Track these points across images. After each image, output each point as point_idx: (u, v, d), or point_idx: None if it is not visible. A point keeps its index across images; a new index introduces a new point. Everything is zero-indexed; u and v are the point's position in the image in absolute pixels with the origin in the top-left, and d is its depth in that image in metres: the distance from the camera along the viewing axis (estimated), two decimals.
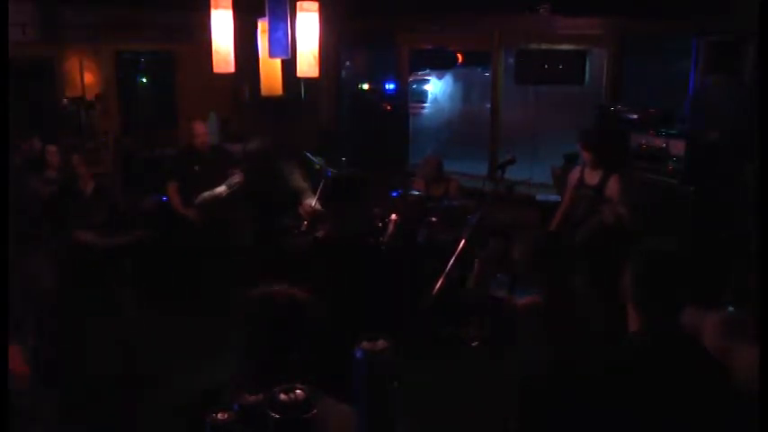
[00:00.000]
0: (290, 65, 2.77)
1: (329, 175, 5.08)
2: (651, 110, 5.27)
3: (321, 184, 5.00)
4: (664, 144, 4.82)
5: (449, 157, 5.71)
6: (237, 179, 5.24)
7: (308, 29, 2.68)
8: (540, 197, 5.83)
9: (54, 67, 5.95)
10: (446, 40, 7.28)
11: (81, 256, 3.90)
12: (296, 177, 5.14)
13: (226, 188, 5.16)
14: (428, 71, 10.99)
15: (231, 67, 2.79)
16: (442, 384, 3.90)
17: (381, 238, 4.92)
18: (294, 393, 1.62)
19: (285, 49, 2.60)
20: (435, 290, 4.31)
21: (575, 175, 4.55)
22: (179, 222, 5.14)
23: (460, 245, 4.36)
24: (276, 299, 2.03)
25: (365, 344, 1.79)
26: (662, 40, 6.45)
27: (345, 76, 7.28)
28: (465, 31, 6.61)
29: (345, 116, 6.82)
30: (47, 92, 5.92)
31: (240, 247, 5.16)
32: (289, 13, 2.60)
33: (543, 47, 6.55)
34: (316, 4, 2.69)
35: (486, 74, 7.84)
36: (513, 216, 4.97)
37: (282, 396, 1.61)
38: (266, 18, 2.58)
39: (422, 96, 10.82)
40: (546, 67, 7.45)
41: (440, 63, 10.87)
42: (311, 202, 4.94)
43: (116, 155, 6.21)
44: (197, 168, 5.19)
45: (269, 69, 2.85)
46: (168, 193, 5.20)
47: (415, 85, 10.30)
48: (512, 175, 4.49)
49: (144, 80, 7.11)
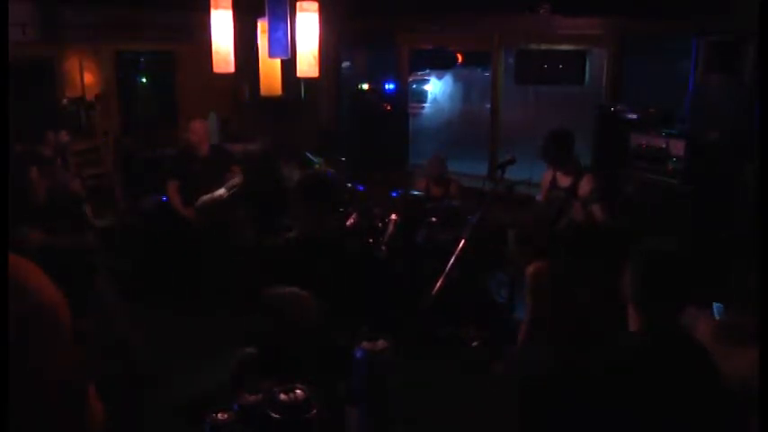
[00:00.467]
0: (290, 65, 2.77)
1: (329, 175, 5.08)
2: (651, 110, 5.27)
3: None
4: (664, 144, 4.82)
5: (449, 157, 5.71)
6: (237, 181, 5.25)
7: (307, 29, 2.68)
8: (540, 197, 5.82)
9: (54, 67, 5.95)
10: (446, 40, 7.28)
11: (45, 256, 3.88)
12: (297, 174, 5.13)
13: (225, 191, 5.17)
14: (428, 71, 11.00)
15: (231, 67, 2.79)
16: (441, 384, 3.89)
17: (381, 238, 4.92)
18: (294, 393, 1.62)
19: (285, 49, 2.60)
20: (435, 290, 4.31)
21: (547, 178, 4.53)
22: (179, 222, 5.14)
23: (460, 245, 4.36)
24: (285, 300, 2.03)
25: (365, 344, 1.80)
26: (662, 40, 6.45)
27: (345, 76, 7.28)
28: (465, 31, 6.61)
29: (345, 116, 6.81)
30: (47, 92, 5.91)
31: (240, 248, 5.16)
32: (289, 13, 2.60)
33: (543, 47, 6.54)
34: (316, 4, 2.69)
35: (486, 74, 7.84)
36: (514, 216, 4.96)
37: (282, 396, 1.61)
38: (266, 18, 2.58)
39: (422, 96, 10.83)
40: (546, 67, 7.44)
41: (440, 63, 10.87)
42: None
43: (116, 155, 6.20)
44: (197, 168, 5.20)
45: (269, 69, 2.85)
46: (168, 193, 5.20)
47: (415, 85, 10.31)
48: (512, 175, 4.49)
49: (144, 80, 7.10)
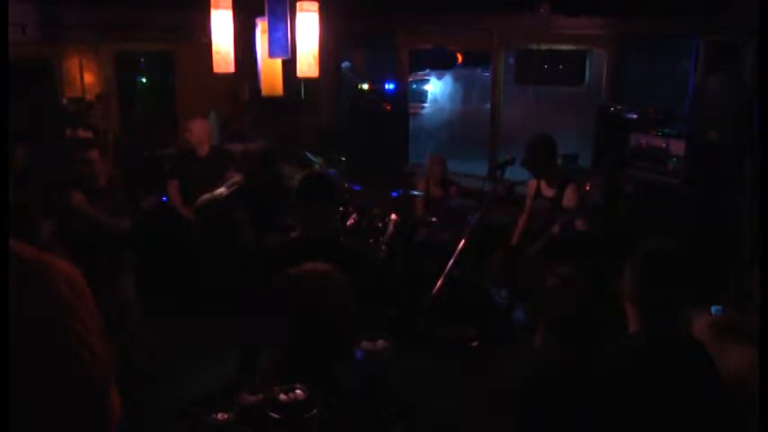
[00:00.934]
0: (290, 65, 2.77)
1: (331, 175, 5.08)
2: (651, 110, 5.27)
3: None
4: (664, 144, 4.82)
5: (449, 157, 5.71)
6: (237, 179, 5.25)
7: (308, 29, 2.68)
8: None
9: (54, 67, 5.95)
10: (446, 40, 7.28)
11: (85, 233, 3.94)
12: (299, 174, 5.12)
13: (225, 189, 5.17)
14: (428, 71, 10.98)
15: (231, 67, 2.79)
16: (442, 384, 3.90)
17: (381, 238, 4.93)
18: (294, 393, 1.62)
19: (285, 49, 2.60)
20: (435, 290, 4.31)
21: (532, 186, 4.49)
22: (179, 222, 5.14)
23: (460, 245, 4.36)
24: (310, 276, 2.02)
25: (365, 344, 1.80)
26: (662, 40, 6.46)
27: (345, 76, 7.28)
28: (465, 31, 6.61)
29: (345, 116, 6.81)
30: (47, 92, 5.91)
31: (240, 247, 5.16)
32: (289, 13, 2.60)
33: (543, 47, 6.54)
34: (316, 5, 2.69)
35: (486, 74, 7.84)
36: (513, 216, 4.96)
37: (282, 396, 1.61)
38: (266, 18, 2.58)
39: (422, 96, 10.81)
40: (546, 67, 7.45)
41: (440, 63, 10.86)
42: None
43: (116, 155, 6.20)
44: (197, 168, 5.20)
45: (269, 69, 2.85)
46: (168, 192, 5.20)
47: (414, 85, 10.29)
48: (512, 175, 4.49)
49: (144, 80, 7.11)
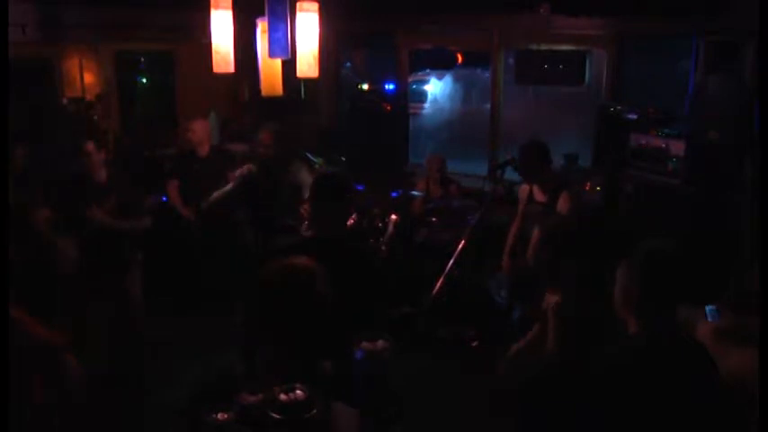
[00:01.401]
0: (290, 65, 2.77)
1: (345, 175, 5.03)
2: (651, 110, 5.27)
3: None
4: (664, 144, 4.82)
5: (449, 157, 5.71)
6: (248, 169, 5.15)
7: (308, 29, 2.68)
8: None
9: (54, 67, 5.95)
10: (446, 40, 7.28)
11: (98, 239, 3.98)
12: (303, 173, 5.09)
13: (238, 177, 5.10)
14: (428, 71, 10.98)
15: (231, 67, 2.79)
16: (442, 384, 3.90)
17: (381, 238, 4.93)
18: (294, 393, 1.62)
19: (285, 49, 2.60)
20: (435, 290, 4.31)
21: (525, 191, 4.46)
22: (179, 222, 5.14)
23: (460, 245, 4.36)
24: (294, 269, 2.02)
25: (365, 344, 1.80)
26: (662, 40, 6.45)
27: (345, 76, 7.28)
28: (465, 31, 6.61)
29: (345, 116, 6.81)
30: (47, 92, 5.92)
31: (240, 247, 5.16)
32: (289, 13, 2.60)
33: (543, 47, 6.54)
34: (316, 5, 2.69)
35: (486, 74, 7.83)
36: (513, 216, 4.96)
37: (282, 396, 1.61)
38: (266, 18, 2.58)
39: (422, 96, 10.81)
40: (546, 67, 7.44)
41: (440, 63, 10.86)
42: None
43: (116, 155, 6.20)
44: (197, 168, 5.19)
45: (269, 69, 2.85)
46: (168, 192, 5.20)
47: (415, 86, 10.28)
48: (512, 175, 4.49)
49: (144, 80, 7.11)
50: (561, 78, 7.61)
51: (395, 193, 5.37)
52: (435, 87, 11.02)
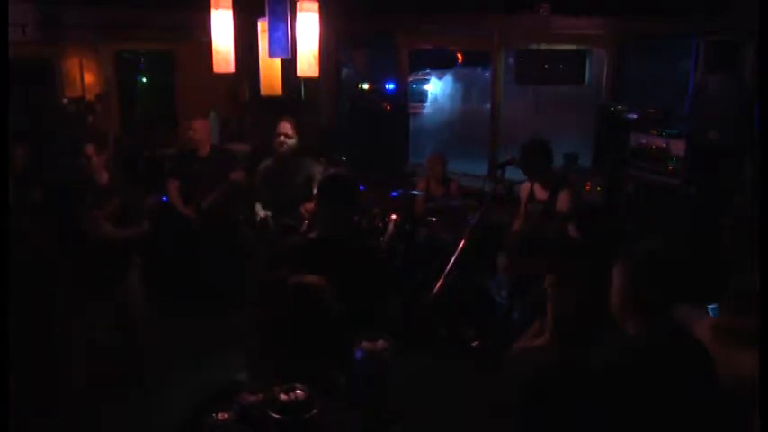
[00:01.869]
0: (290, 65, 2.77)
1: (352, 175, 4.99)
2: (651, 110, 5.28)
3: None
4: (664, 144, 4.83)
5: (449, 157, 5.71)
6: (241, 176, 5.08)
7: (308, 29, 2.68)
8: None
9: (54, 67, 5.95)
10: (446, 40, 7.28)
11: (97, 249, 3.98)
12: (316, 169, 4.98)
13: (232, 180, 5.04)
14: (428, 71, 10.99)
15: (231, 67, 2.79)
16: (441, 384, 3.90)
17: (381, 238, 4.92)
18: (294, 393, 1.62)
19: (285, 49, 2.60)
20: (435, 290, 4.31)
21: (525, 190, 4.45)
22: (179, 222, 5.13)
23: (460, 245, 4.36)
24: (295, 284, 2.03)
25: (365, 344, 1.80)
26: (662, 40, 6.46)
27: (345, 76, 7.28)
28: (465, 31, 6.61)
29: (345, 116, 6.82)
30: (47, 92, 5.92)
31: (240, 247, 5.15)
32: (289, 12, 2.60)
33: (543, 47, 6.55)
34: (316, 4, 2.69)
35: (486, 74, 7.84)
36: (513, 216, 4.96)
37: (282, 396, 1.61)
38: (266, 18, 2.58)
39: (422, 96, 10.82)
40: (546, 67, 7.46)
41: (440, 63, 10.87)
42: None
43: (116, 155, 6.21)
44: (197, 168, 5.19)
45: (269, 69, 2.85)
46: (168, 192, 5.19)
47: (415, 85, 10.29)
48: (512, 174, 4.49)
49: (144, 80, 7.11)
50: (561, 78, 7.63)
51: (395, 193, 5.37)
52: (435, 87, 11.03)
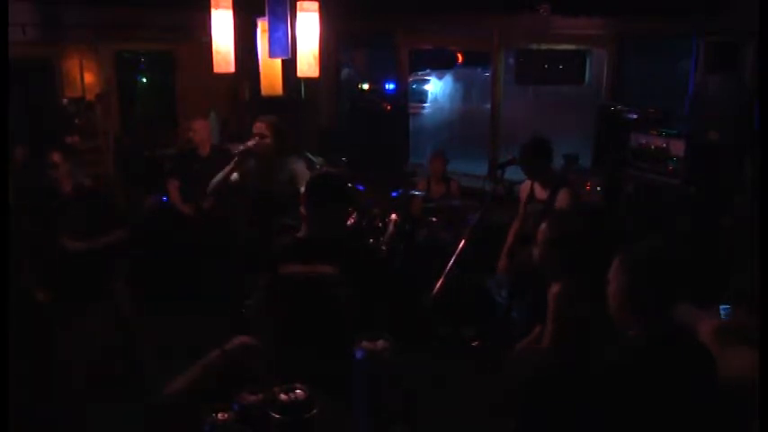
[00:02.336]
0: (290, 65, 2.78)
1: (340, 175, 5.00)
2: (651, 110, 5.27)
3: None
4: (664, 144, 4.82)
5: (449, 157, 5.71)
6: (254, 144, 4.90)
7: (308, 29, 2.68)
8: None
9: (54, 67, 5.95)
10: (446, 40, 7.28)
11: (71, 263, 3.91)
12: (300, 166, 4.95)
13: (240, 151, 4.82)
14: (428, 71, 10.99)
15: (231, 67, 2.79)
16: (441, 384, 3.89)
17: (381, 238, 4.92)
18: (294, 393, 1.62)
19: (285, 49, 2.61)
20: (435, 290, 4.31)
21: (525, 189, 4.44)
22: (179, 222, 5.13)
23: (460, 245, 4.35)
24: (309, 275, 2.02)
25: (365, 344, 1.79)
26: (662, 40, 6.46)
27: (345, 76, 7.28)
28: (465, 31, 6.61)
29: (345, 116, 6.82)
30: (47, 92, 5.92)
31: (240, 247, 5.14)
32: (289, 12, 2.60)
33: (543, 47, 6.55)
34: (316, 4, 2.69)
35: (486, 74, 7.84)
36: (513, 216, 4.96)
37: (282, 396, 1.61)
38: (266, 18, 2.58)
39: (422, 96, 10.82)
40: (546, 67, 7.46)
41: (440, 63, 10.88)
42: None
43: (116, 155, 6.21)
44: (197, 168, 5.19)
45: (269, 69, 2.85)
46: (168, 191, 5.19)
47: (415, 85, 10.30)
48: (512, 174, 4.49)
49: (144, 80, 7.11)
50: (561, 78, 7.64)
51: (395, 193, 5.36)
52: (435, 87, 11.03)
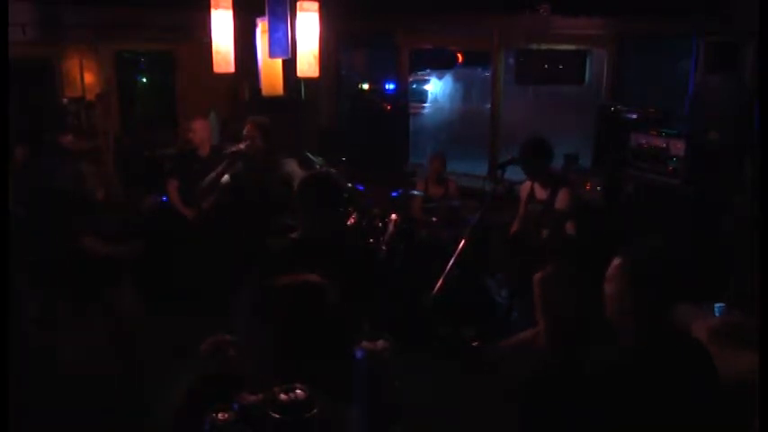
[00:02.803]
0: (290, 65, 2.78)
1: (333, 175, 5.01)
2: (651, 110, 5.28)
3: None
4: (664, 144, 4.83)
5: (449, 157, 5.71)
6: (243, 145, 4.90)
7: (308, 29, 2.68)
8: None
9: (54, 67, 5.96)
10: (446, 40, 7.28)
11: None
12: (293, 166, 4.94)
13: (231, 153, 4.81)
14: (428, 71, 11.00)
15: (231, 67, 2.79)
16: (442, 384, 3.90)
17: (381, 238, 4.92)
18: (294, 393, 1.62)
19: (285, 49, 2.61)
20: (435, 290, 4.31)
21: (525, 189, 4.45)
22: (179, 222, 5.13)
23: (460, 245, 4.35)
24: (297, 286, 2.03)
25: (365, 344, 1.80)
26: (662, 40, 6.46)
27: (345, 76, 7.28)
28: (465, 31, 6.61)
29: (345, 116, 6.82)
30: (47, 92, 5.92)
31: (238, 247, 5.14)
32: (289, 13, 2.60)
33: (543, 47, 6.55)
34: (316, 4, 2.69)
35: (486, 74, 7.84)
36: (513, 216, 4.97)
37: (282, 396, 1.61)
38: (266, 18, 2.58)
39: (422, 96, 10.83)
40: (546, 67, 7.47)
41: (440, 63, 10.89)
42: None
43: (116, 155, 6.21)
44: (197, 168, 5.19)
45: (269, 69, 2.85)
46: (168, 192, 5.19)
47: (415, 85, 10.31)
48: (512, 174, 4.49)
49: (144, 80, 7.12)
50: (561, 78, 7.64)
51: (395, 193, 5.37)
52: (435, 87, 11.04)
